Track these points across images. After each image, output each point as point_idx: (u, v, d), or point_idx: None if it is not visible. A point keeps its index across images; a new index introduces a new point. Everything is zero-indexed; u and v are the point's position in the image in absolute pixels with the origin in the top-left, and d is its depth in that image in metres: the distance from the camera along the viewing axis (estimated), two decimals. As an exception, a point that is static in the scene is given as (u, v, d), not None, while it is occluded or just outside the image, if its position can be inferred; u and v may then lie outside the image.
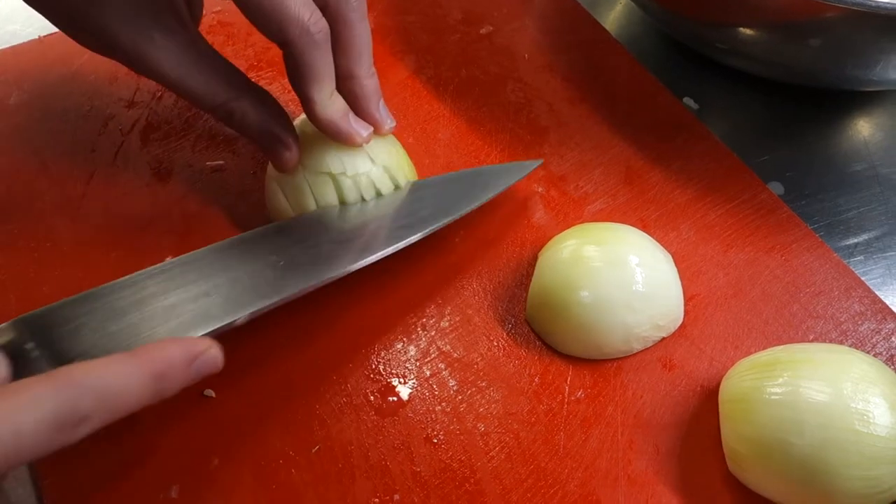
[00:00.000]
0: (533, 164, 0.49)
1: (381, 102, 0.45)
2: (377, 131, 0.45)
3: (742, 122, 0.56)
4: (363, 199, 0.44)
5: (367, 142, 0.43)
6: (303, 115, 0.47)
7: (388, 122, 0.45)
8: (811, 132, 0.55)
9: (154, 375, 0.30)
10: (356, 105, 0.44)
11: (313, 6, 0.39)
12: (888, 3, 0.40)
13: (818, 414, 0.34)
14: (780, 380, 0.36)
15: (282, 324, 0.44)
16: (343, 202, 0.44)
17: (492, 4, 0.61)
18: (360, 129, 0.43)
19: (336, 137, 0.43)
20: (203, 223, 0.48)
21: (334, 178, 0.43)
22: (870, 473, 0.33)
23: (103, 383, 0.29)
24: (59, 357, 0.33)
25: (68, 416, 0.27)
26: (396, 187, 0.45)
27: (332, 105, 0.42)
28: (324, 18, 0.39)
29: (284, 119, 0.43)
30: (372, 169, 0.44)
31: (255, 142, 0.44)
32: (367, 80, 0.44)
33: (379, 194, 0.45)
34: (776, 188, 0.51)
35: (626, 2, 0.64)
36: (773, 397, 0.35)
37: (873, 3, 0.39)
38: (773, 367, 0.37)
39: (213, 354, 0.33)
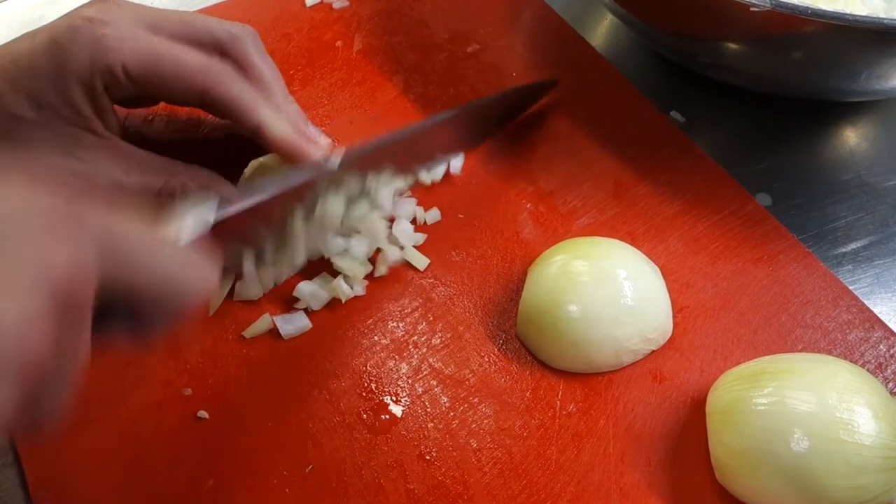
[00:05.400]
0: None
1: (310, 123, 0.45)
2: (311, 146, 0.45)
3: (729, 134, 0.57)
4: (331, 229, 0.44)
5: (327, 147, 0.44)
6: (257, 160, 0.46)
7: (322, 139, 0.45)
8: (798, 143, 0.55)
9: None
10: None
11: (203, 56, 0.41)
12: (866, 17, 0.41)
13: (803, 424, 0.34)
14: (766, 390, 0.36)
15: (274, 344, 0.44)
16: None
17: (478, 23, 0.61)
18: (315, 133, 0.44)
19: (297, 150, 0.43)
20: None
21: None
22: (856, 482, 0.33)
23: None
24: None
25: None
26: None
27: (282, 121, 0.43)
28: (216, 59, 0.41)
29: (223, 179, 0.44)
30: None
31: None
32: (288, 105, 0.45)
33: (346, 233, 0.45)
34: (764, 199, 0.51)
35: (611, 18, 0.65)
36: (759, 408, 0.36)
37: (850, 17, 0.40)
38: (758, 378, 0.37)
39: None
